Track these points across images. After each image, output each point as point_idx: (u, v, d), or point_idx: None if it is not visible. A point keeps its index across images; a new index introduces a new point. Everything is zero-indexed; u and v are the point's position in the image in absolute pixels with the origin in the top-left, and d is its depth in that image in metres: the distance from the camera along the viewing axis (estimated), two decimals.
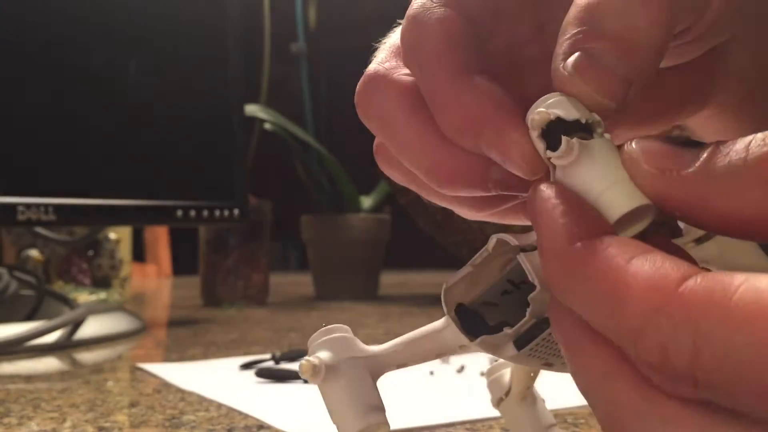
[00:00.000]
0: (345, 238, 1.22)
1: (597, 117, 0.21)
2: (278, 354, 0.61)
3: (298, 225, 1.27)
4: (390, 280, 1.49)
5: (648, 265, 0.18)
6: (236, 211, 0.95)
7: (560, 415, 0.43)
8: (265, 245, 1.14)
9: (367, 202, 1.28)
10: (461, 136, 0.23)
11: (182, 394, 0.49)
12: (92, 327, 0.76)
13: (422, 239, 1.27)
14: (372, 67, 0.25)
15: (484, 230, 1.03)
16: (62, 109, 0.81)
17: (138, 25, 0.89)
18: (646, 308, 0.18)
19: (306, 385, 0.52)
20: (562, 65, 0.21)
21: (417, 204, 1.11)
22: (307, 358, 0.24)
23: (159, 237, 1.97)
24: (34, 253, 1.06)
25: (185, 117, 0.93)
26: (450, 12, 0.24)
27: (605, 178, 0.20)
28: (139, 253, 1.89)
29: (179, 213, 0.88)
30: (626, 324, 0.18)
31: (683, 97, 0.28)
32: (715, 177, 0.18)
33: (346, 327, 0.25)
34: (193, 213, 0.89)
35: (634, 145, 0.20)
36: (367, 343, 0.25)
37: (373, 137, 0.27)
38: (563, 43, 0.22)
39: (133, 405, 0.47)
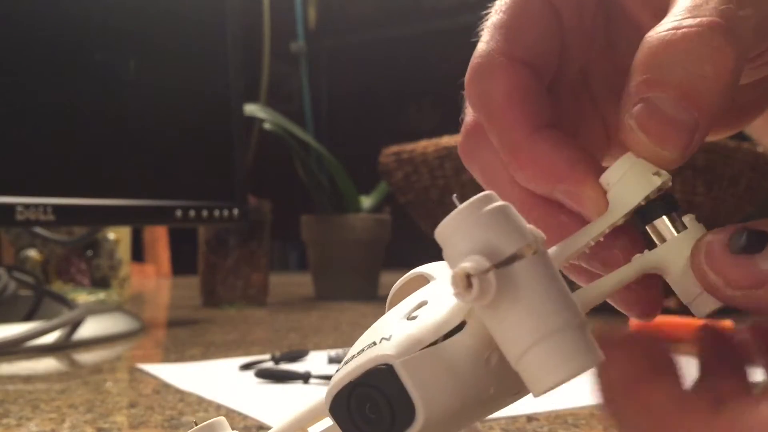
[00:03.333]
0: (345, 238, 1.22)
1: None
2: (278, 354, 0.60)
3: (298, 225, 1.26)
4: (390, 280, 1.49)
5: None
6: (236, 211, 0.94)
7: (561, 416, 0.43)
8: (264, 245, 1.14)
9: (367, 202, 1.28)
10: (536, 187, 0.23)
11: (181, 395, 0.49)
12: (91, 327, 0.75)
13: (422, 239, 1.27)
14: (469, 119, 0.26)
15: None
16: (61, 109, 0.81)
17: (137, 25, 0.88)
18: None
19: (306, 385, 0.52)
20: (626, 116, 0.21)
21: (417, 204, 1.11)
22: (462, 265, 0.18)
23: (158, 237, 1.97)
24: (32, 253, 1.06)
25: (185, 117, 0.93)
26: (514, 64, 0.24)
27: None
28: (139, 253, 1.89)
29: (179, 213, 0.88)
30: None
31: (744, 105, 0.27)
32: None
33: (492, 195, 0.19)
34: (192, 213, 0.89)
35: (705, 267, 0.20)
36: None
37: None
38: (628, 91, 0.21)
39: (132, 406, 0.47)
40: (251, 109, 1.17)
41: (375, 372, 0.20)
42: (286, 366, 0.58)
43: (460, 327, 0.20)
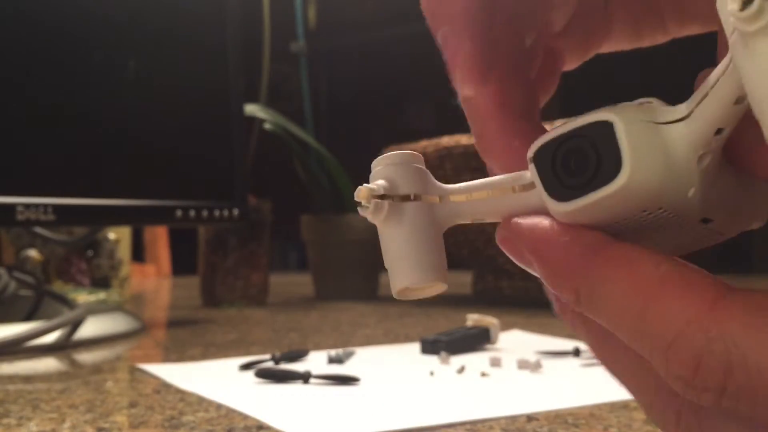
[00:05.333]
0: (345, 238, 1.22)
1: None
2: (278, 354, 0.60)
3: (298, 225, 1.26)
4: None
5: (678, 277, 0.18)
6: (236, 211, 0.95)
7: (561, 416, 0.43)
8: (264, 245, 1.14)
9: None
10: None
11: (181, 395, 0.49)
12: (91, 327, 0.76)
13: None
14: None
15: (484, 230, 1.03)
16: (61, 109, 0.81)
17: (137, 25, 0.88)
18: (680, 320, 0.18)
19: (306, 385, 0.52)
20: None
21: None
22: (370, 186, 0.22)
23: (158, 237, 1.97)
24: (33, 253, 1.06)
25: (185, 117, 0.93)
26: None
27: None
28: (139, 254, 1.89)
29: (179, 213, 0.88)
30: (658, 335, 0.18)
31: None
32: None
33: (418, 156, 0.22)
34: (192, 213, 0.89)
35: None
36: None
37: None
38: None
39: (132, 405, 0.47)
40: (251, 109, 1.17)
41: (593, 125, 0.20)
42: (286, 366, 0.58)
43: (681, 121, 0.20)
